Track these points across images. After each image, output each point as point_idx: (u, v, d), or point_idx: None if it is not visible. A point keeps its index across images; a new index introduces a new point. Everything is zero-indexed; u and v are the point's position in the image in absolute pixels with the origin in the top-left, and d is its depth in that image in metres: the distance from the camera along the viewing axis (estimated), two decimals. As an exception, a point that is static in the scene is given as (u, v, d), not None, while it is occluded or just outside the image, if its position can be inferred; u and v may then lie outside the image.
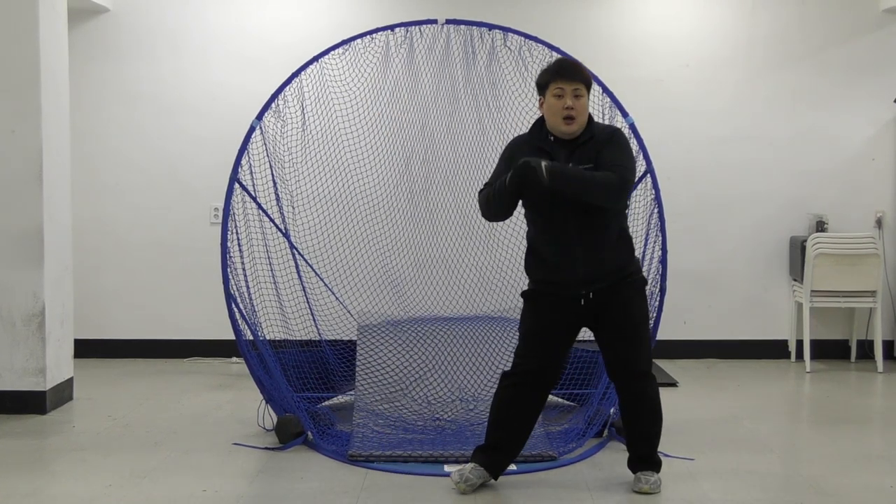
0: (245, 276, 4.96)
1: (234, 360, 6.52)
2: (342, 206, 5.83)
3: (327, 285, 5.63)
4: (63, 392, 5.44)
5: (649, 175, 4.84)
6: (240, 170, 4.92)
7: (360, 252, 5.73)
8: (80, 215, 6.38)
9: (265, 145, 5.16)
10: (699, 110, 6.90)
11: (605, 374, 4.83)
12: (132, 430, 4.90)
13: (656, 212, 4.83)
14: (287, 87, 5.07)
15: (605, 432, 4.62)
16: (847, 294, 6.49)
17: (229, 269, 4.79)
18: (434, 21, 5.10)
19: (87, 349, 6.53)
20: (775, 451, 4.60)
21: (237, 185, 4.93)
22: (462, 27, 5.10)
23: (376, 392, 5.02)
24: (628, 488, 3.94)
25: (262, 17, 6.85)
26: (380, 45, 5.19)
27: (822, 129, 6.89)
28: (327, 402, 5.28)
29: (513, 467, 4.16)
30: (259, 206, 5.14)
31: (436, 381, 5.06)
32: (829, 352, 6.88)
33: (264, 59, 6.71)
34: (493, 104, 5.24)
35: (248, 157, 5.01)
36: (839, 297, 6.50)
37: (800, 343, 6.65)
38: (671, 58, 6.89)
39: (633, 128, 4.86)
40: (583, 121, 3.85)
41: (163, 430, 4.88)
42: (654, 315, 4.79)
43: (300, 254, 5.49)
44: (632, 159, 3.95)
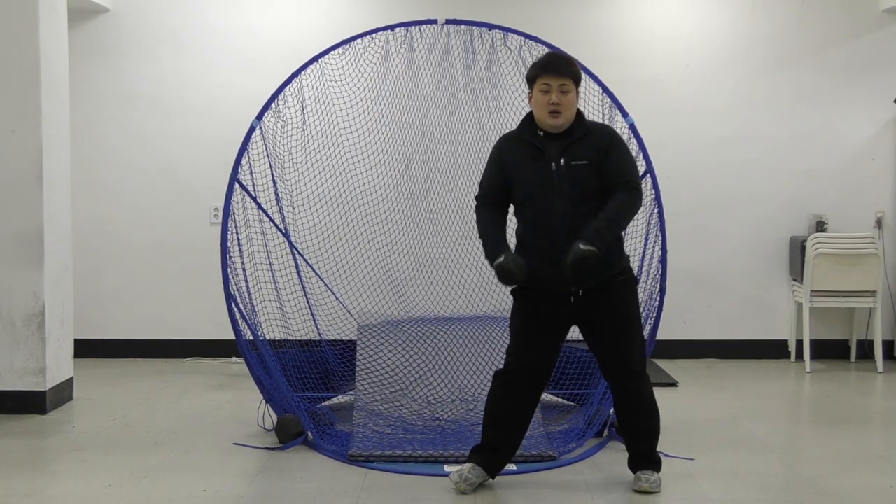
0: (245, 276, 4.96)
1: (234, 360, 6.52)
2: (342, 206, 5.83)
3: (327, 285, 5.63)
4: (63, 392, 5.44)
5: (649, 175, 4.84)
6: (240, 170, 4.92)
7: (360, 252, 5.73)
8: (80, 215, 6.38)
9: (265, 145, 5.16)
10: (699, 110, 6.89)
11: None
12: (132, 430, 4.90)
13: (656, 212, 4.83)
14: (287, 87, 5.07)
15: (605, 432, 4.62)
16: (847, 294, 6.49)
17: (229, 269, 4.79)
18: (434, 21, 5.10)
19: (87, 349, 6.53)
20: (775, 451, 4.60)
21: (237, 185, 4.93)
22: (462, 27, 5.09)
23: (376, 392, 5.01)
24: (628, 488, 3.94)
25: (262, 17, 6.85)
26: (380, 45, 5.19)
27: (822, 129, 6.89)
28: (327, 402, 5.28)
29: (513, 467, 4.17)
30: (259, 206, 5.14)
31: (436, 381, 5.06)
32: (829, 352, 6.88)
33: (264, 59, 6.72)
34: (493, 104, 5.24)
35: (248, 157, 5.01)
36: (839, 297, 6.50)
37: (800, 343, 6.65)
38: (671, 58, 6.89)
39: (633, 128, 4.86)
40: (570, 115, 3.84)
41: (163, 430, 4.88)
42: (655, 315, 4.80)
43: (300, 254, 5.49)
44: (634, 162, 4.00)
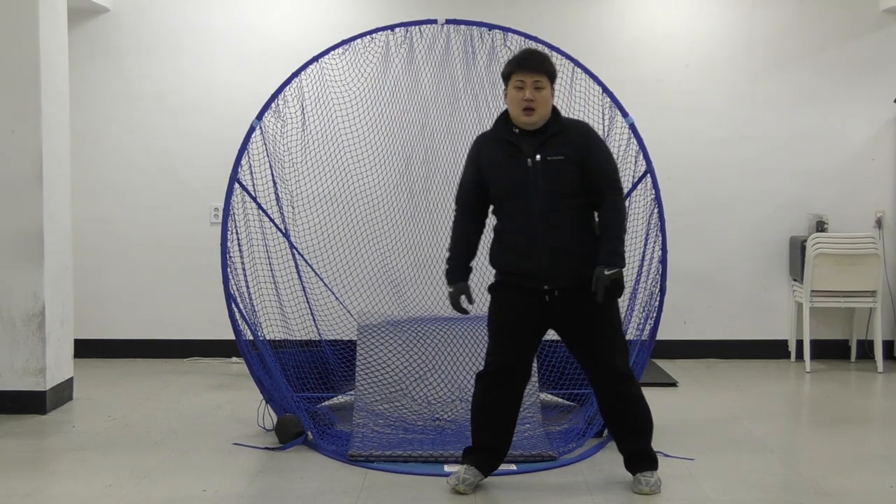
0: (245, 276, 4.96)
1: (234, 360, 6.52)
2: (342, 206, 5.83)
3: (327, 285, 5.63)
4: (63, 392, 5.44)
5: (649, 175, 4.84)
6: (240, 170, 4.92)
7: (360, 252, 5.73)
8: (80, 215, 6.38)
9: (265, 145, 5.16)
10: (699, 110, 6.89)
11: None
12: (132, 430, 4.90)
13: (656, 212, 4.83)
14: (287, 87, 5.07)
15: (605, 432, 4.61)
16: (847, 294, 6.49)
17: (229, 269, 4.79)
18: (434, 21, 5.10)
19: (87, 349, 6.53)
20: (775, 451, 4.60)
21: (237, 185, 4.93)
22: (462, 27, 5.09)
23: (376, 392, 5.01)
24: (628, 488, 3.94)
25: (263, 17, 6.85)
26: (380, 45, 5.19)
27: (822, 129, 6.89)
28: (327, 402, 5.28)
29: (513, 467, 4.17)
30: (259, 206, 5.14)
31: (436, 381, 5.06)
32: (829, 352, 6.88)
33: (264, 59, 6.71)
34: (493, 104, 5.23)
35: (248, 157, 5.01)
36: (839, 297, 6.50)
37: (800, 343, 6.65)
38: (671, 58, 6.89)
39: (633, 128, 4.86)
40: (545, 112, 3.83)
41: (163, 430, 4.88)
42: (655, 315, 4.80)
43: (300, 254, 5.49)
44: (614, 159, 3.99)
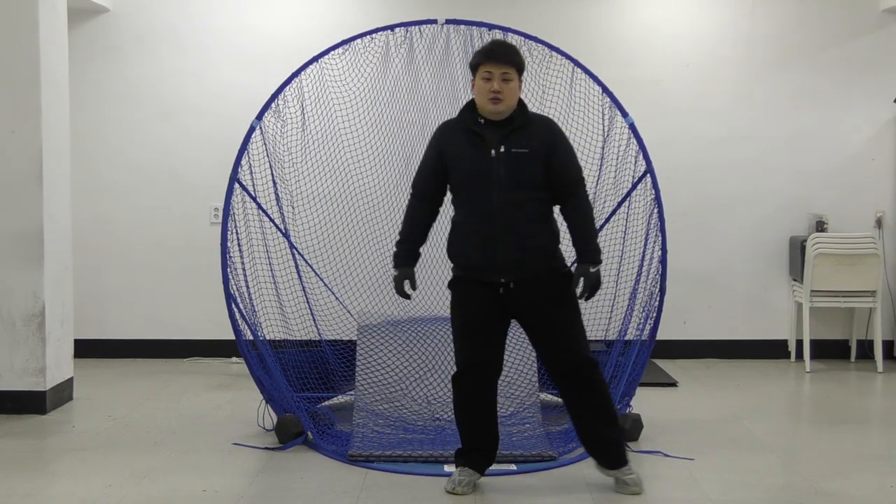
0: (245, 276, 4.96)
1: (234, 360, 6.52)
2: (342, 206, 5.82)
3: (327, 285, 5.63)
4: (63, 392, 5.44)
5: (649, 175, 4.83)
6: (240, 170, 4.92)
7: (360, 252, 5.73)
8: (80, 215, 6.38)
9: (265, 145, 5.16)
10: (699, 110, 6.89)
11: (605, 374, 4.83)
12: (132, 430, 4.90)
13: (656, 212, 4.82)
14: (287, 87, 5.07)
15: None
16: (847, 294, 6.49)
17: (229, 269, 4.79)
18: (434, 21, 5.10)
19: (87, 349, 6.53)
20: (775, 451, 4.60)
21: (237, 185, 4.93)
22: (462, 27, 5.09)
23: (376, 392, 5.02)
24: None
25: (262, 17, 6.85)
26: (380, 45, 5.19)
27: (822, 129, 6.89)
28: (327, 402, 5.28)
29: (513, 467, 4.18)
30: (259, 206, 5.14)
31: (436, 381, 5.06)
32: (828, 352, 6.88)
33: (264, 59, 6.71)
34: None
35: (248, 157, 5.01)
36: (839, 297, 6.50)
37: (800, 343, 6.65)
38: (671, 58, 6.89)
39: (633, 128, 4.86)
40: (511, 103, 3.83)
41: (163, 430, 4.88)
42: (654, 315, 4.79)
43: (300, 254, 5.49)
44: (576, 155, 3.99)
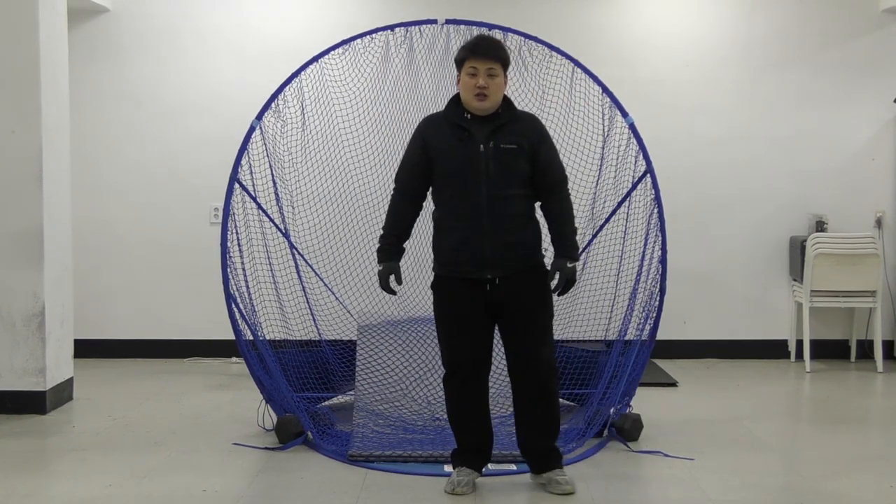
0: (245, 276, 4.96)
1: (234, 360, 6.52)
2: (342, 206, 5.82)
3: (327, 285, 5.63)
4: (63, 392, 5.44)
5: (649, 175, 4.83)
6: (240, 170, 4.92)
7: (360, 252, 5.72)
8: (80, 215, 6.38)
9: (265, 145, 5.16)
10: (699, 110, 6.90)
11: (605, 374, 4.84)
12: (132, 430, 4.90)
13: (656, 212, 4.82)
14: (287, 87, 5.07)
15: (605, 432, 4.62)
16: (847, 294, 6.49)
17: (229, 269, 4.79)
18: (434, 21, 5.10)
19: (87, 349, 6.53)
20: (775, 451, 4.60)
21: (237, 185, 4.93)
22: (462, 27, 5.09)
23: (376, 392, 5.02)
24: (629, 487, 3.95)
25: (263, 16, 6.85)
26: (380, 45, 5.19)
27: (822, 129, 6.89)
28: (327, 402, 5.28)
29: (513, 467, 4.18)
30: (259, 206, 5.14)
31: (436, 381, 5.05)
32: (828, 352, 6.88)
33: (264, 59, 6.72)
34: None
35: (248, 157, 5.01)
36: (839, 297, 6.50)
37: (800, 343, 6.65)
38: (671, 58, 6.89)
39: (632, 128, 4.85)
40: (497, 99, 3.83)
41: (163, 430, 4.88)
42: (654, 315, 4.79)
43: (300, 254, 5.49)
44: (558, 153, 3.99)
